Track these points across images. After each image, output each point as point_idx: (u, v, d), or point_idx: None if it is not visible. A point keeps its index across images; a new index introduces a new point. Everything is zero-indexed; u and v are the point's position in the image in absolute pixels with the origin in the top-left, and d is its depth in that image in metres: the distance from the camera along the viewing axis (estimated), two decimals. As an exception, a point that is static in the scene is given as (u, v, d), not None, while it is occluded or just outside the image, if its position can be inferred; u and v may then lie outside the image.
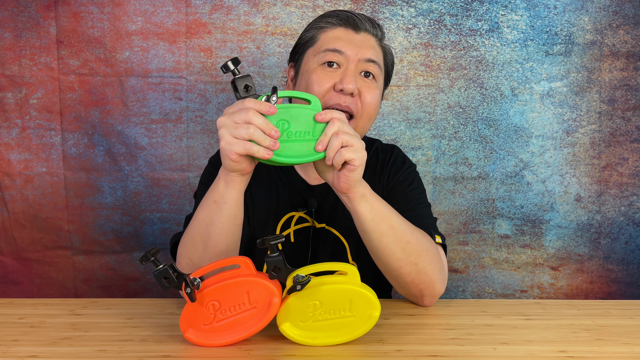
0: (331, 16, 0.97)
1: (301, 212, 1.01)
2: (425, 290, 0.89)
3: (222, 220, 0.79)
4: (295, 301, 0.72)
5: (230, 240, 0.82)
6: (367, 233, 0.84)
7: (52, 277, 1.45)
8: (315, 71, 0.93)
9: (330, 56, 0.92)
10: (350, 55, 0.92)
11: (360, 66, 0.93)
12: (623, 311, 0.91)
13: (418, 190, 1.03)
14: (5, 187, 1.42)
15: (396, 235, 0.84)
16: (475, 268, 1.50)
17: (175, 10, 1.40)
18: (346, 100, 0.91)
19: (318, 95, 0.90)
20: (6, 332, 0.79)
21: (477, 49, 1.44)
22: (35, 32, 1.39)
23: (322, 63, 0.93)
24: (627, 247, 1.50)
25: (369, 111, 0.94)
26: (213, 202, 0.79)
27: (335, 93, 0.91)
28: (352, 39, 0.94)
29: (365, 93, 0.93)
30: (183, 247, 0.84)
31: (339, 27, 0.95)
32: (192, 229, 0.83)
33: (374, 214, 0.83)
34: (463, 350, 0.73)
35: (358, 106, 0.92)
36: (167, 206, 1.44)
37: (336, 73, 0.92)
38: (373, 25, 0.97)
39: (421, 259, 0.87)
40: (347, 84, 0.90)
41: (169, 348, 0.73)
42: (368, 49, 0.94)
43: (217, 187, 0.79)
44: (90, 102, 1.41)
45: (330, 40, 0.94)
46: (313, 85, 0.92)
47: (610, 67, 1.45)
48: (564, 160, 1.47)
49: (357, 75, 0.93)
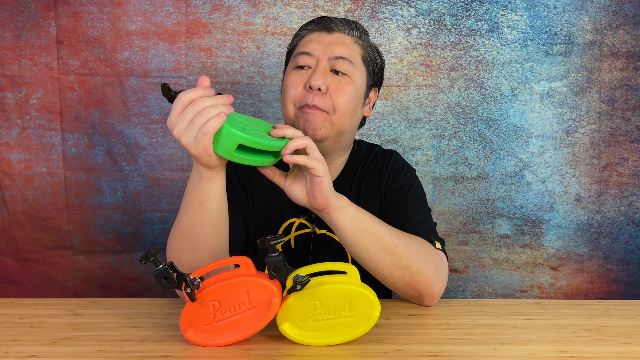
0: (310, 23, 1.00)
1: (302, 218, 1.01)
2: (423, 291, 0.89)
3: (211, 218, 0.79)
4: (295, 301, 0.72)
5: (219, 237, 0.82)
6: (352, 244, 0.85)
7: (52, 277, 1.45)
8: (288, 75, 0.96)
9: (301, 59, 0.95)
10: (319, 55, 0.94)
11: (330, 64, 0.94)
12: (623, 311, 0.91)
13: (417, 195, 1.03)
14: (5, 187, 1.42)
15: (382, 242, 0.84)
16: (475, 268, 1.50)
17: (175, 10, 1.40)
18: (314, 99, 0.91)
19: (292, 96, 0.93)
20: (6, 332, 0.79)
21: (477, 49, 1.44)
22: (35, 32, 1.39)
23: (294, 67, 0.96)
24: (627, 247, 1.50)
25: (342, 107, 0.93)
26: (198, 203, 0.78)
27: (306, 92, 0.92)
28: (323, 39, 0.96)
29: (334, 89, 0.93)
30: (171, 249, 0.84)
31: (315, 32, 0.98)
32: (178, 232, 0.82)
33: (356, 225, 0.83)
34: (463, 350, 0.73)
35: (329, 103, 0.92)
36: (167, 206, 1.44)
37: (307, 73, 0.94)
38: (348, 25, 0.98)
39: (413, 261, 0.87)
40: (313, 80, 0.91)
41: (169, 348, 0.73)
42: (337, 46, 0.95)
43: (198, 187, 0.78)
44: (90, 102, 1.41)
45: (303, 44, 0.97)
46: (287, 88, 0.94)
47: (610, 67, 1.45)
48: (563, 160, 1.47)
49: (328, 72, 0.94)
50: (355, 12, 1.42)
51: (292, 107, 0.94)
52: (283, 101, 0.97)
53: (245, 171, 1.03)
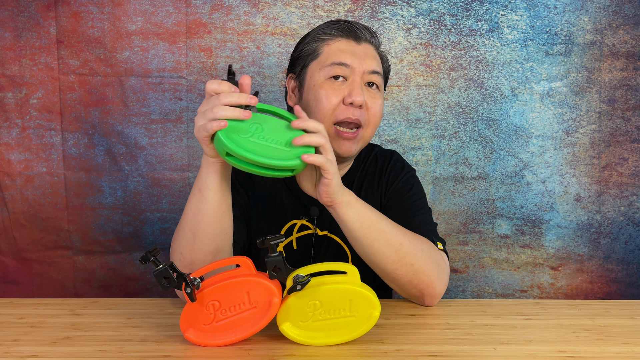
0: (331, 27, 0.98)
1: (303, 219, 1.01)
2: (425, 290, 0.89)
3: (208, 207, 0.80)
4: (295, 301, 0.72)
5: (218, 229, 0.82)
6: (358, 240, 0.85)
7: (52, 277, 1.45)
8: (322, 86, 0.94)
9: (337, 70, 0.94)
10: (356, 68, 0.94)
11: (365, 78, 0.95)
12: (623, 311, 0.91)
13: (418, 196, 1.03)
14: (5, 187, 1.42)
15: (387, 239, 0.85)
16: (475, 268, 1.50)
17: (175, 10, 1.40)
18: (354, 113, 0.93)
19: (328, 110, 0.93)
20: (6, 332, 0.79)
21: (477, 49, 1.44)
22: (35, 32, 1.39)
23: (329, 77, 0.94)
24: (627, 247, 1.50)
25: (375, 121, 0.97)
26: (198, 190, 0.81)
27: (344, 107, 0.93)
28: (355, 50, 0.96)
29: (370, 104, 0.95)
30: (175, 242, 0.85)
31: (341, 39, 0.97)
32: (182, 221, 0.84)
33: (362, 221, 0.84)
34: (463, 350, 0.73)
35: (365, 117, 0.95)
36: (167, 206, 1.44)
37: (343, 86, 0.94)
38: (371, 34, 0.99)
39: (417, 260, 0.87)
40: (356, 96, 0.92)
41: (169, 348, 0.73)
42: (371, 60, 0.96)
43: (200, 175, 0.81)
44: (90, 102, 1.41)
45: (334, 53, 0.95)
46: (322, 100, 0.94)
47: (610, 67, 1.45)
48: (563, 160, 1.47)
49: (363, 86, 0.95)
50: (355, 12, 1.42)
51: (328, 121, 0.94)
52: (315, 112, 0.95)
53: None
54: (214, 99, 0.74)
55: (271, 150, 0.75)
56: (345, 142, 0.94)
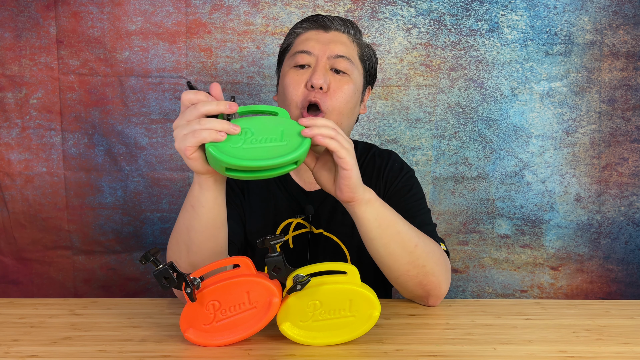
0: (305, 21, 1.00)
1: (299, 218, 1.01)
2: (431, 290, 0.89)
3: (201, 224, 0.78)
4: (295, 301, 0.72)
5: (213, 244, 0.80)
6: (374, 240, 0.83)
7: (52, 277, 1.45)
8: (287, 74, 0.95)
9: (300, 58, 0.94)
10: (319, 54, 0.94)
11: (330, 62, 0.94)
12: (623, 311, 0.91)
13: (417, 197, 1.03)
14: (5, 187, 1.42)
15: (403, 240, 0.83)
16: (475, 268, 1.50)
17: (175, 10, 1.40)
18: (316, 96, 0.92)
19: (293, 95, 0.92)
20: (6, 332, 0.79)
21: (477, 49, 1.44)
22: (35, 32, 1.39)
23: (293, 66, 0.95)
24: (627, 247, 1.50)
25: (340, 106, 0.93)
26: (190, 206, 0.78)
27: (307, 90, 0.92)
28: (321, 38, 0.96)
29: (335, 87, 0.93)
30: (169, 250, 0.84)
31: (311, 30, 0.98)
32: (175, 233, 0.82)
33: (381, 221, 0.81)
34: (463, 350, 0.73)
35: (328, 102, 0.92)
36: (167, 206, 1.44)
37: (307, 72, 0.94)
38: (344, 23, 0.99)
39: (429, 261, 0.86)
40: (315, 79, 0.91)
41: (169, 348, 0.73)
42: (336, 44, 0.95)
43: (192, 191, 0.77)
44: (90, 102, 1.41)
45: (300, 43, 0.97)
46: (288, 87, 0.94)
47: (610, 67, 1.45)
48: (563, 160, 1.47)
49: (328, 71, 0.94)
50: (355, 12, 1.42)
51: (294, 108, 0.93)
52: (282, 101, 0.96)
53: None
54: (192, 109, 0.70)
55: (269, 150, 0.71)
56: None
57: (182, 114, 0.71)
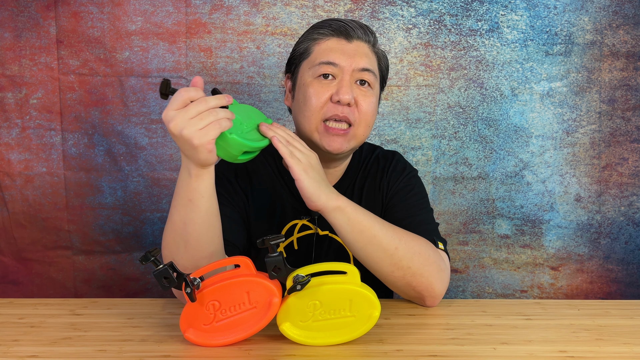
0: (323, 27, 0.97)
1: (304, 219, 1.01)
2: (424, 291, 0.89)
3: (200, 215, 0.79)
4: (295, 301, 0.72)
5: (211, 235, 0.81)
6: (351, 245, 0.86)
7: (52, 277, 1.45)
8: (311, 84, 0.94)
9: (325, 68, 0.93)
10: (345, 66, 0.93)
11: (355, 75, 0.94)
12: (623, 311, 0.91)
13: (419, 197, 1.03)
14: (5, 187, 1.42)
15: (381, 243, 0.85)
16: (475, 268, 1.50)
17: (175, 10, 1.40)
18: (343, 111, 0.92)
19: (316, 107, 0.93)
20: (6, 332, 0.79)
21: (477, 49, 1.44)
22: (35, 32, 1.39)
23: (317, 76, 0.94)
24: (627, 247, 1.50)
25: (367, 119, 0.95)
26: (188, 200, 0.78)
27: (333, 104, 0.93)
28: (345, 48, 0.94)
29: (361, 101, 0.94)
30: (165, 249, 0.83)
31: (332, 38, 0.96)
32: (170, 231, 0.82)
33: (353, 226, 0.84)
34: (463, 350, 0.73)
35: (355, 115, 0.94)
36: (167, 206, 1.44)
37: (332, 84, 0.93)
38: (365, 31, 0.97)
39: (414, 262, 0.87)
40: (343, 94, 0.91)
41: (169, 348, 0.73)
42: (362, 57, 0.95)
43: (187, 185, 0.78)
44: (90, 102, 1.41)
45: (323, 52, 0.95)
46: (311, 98, 0.93)
47: (610, 67, 1.45)
48: (564, 160, 1.47)
49: (353, 84, 0.94)
50: (355, 12, 1.42)
51: (316, 119, 0.93)
52: (300, 110, 0.96)
53: (245, 174, 1.02)
54: (200, 103, 0.72)
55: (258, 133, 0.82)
56: (335, 138, 0.93)
57: (182, 110, 0.73)
